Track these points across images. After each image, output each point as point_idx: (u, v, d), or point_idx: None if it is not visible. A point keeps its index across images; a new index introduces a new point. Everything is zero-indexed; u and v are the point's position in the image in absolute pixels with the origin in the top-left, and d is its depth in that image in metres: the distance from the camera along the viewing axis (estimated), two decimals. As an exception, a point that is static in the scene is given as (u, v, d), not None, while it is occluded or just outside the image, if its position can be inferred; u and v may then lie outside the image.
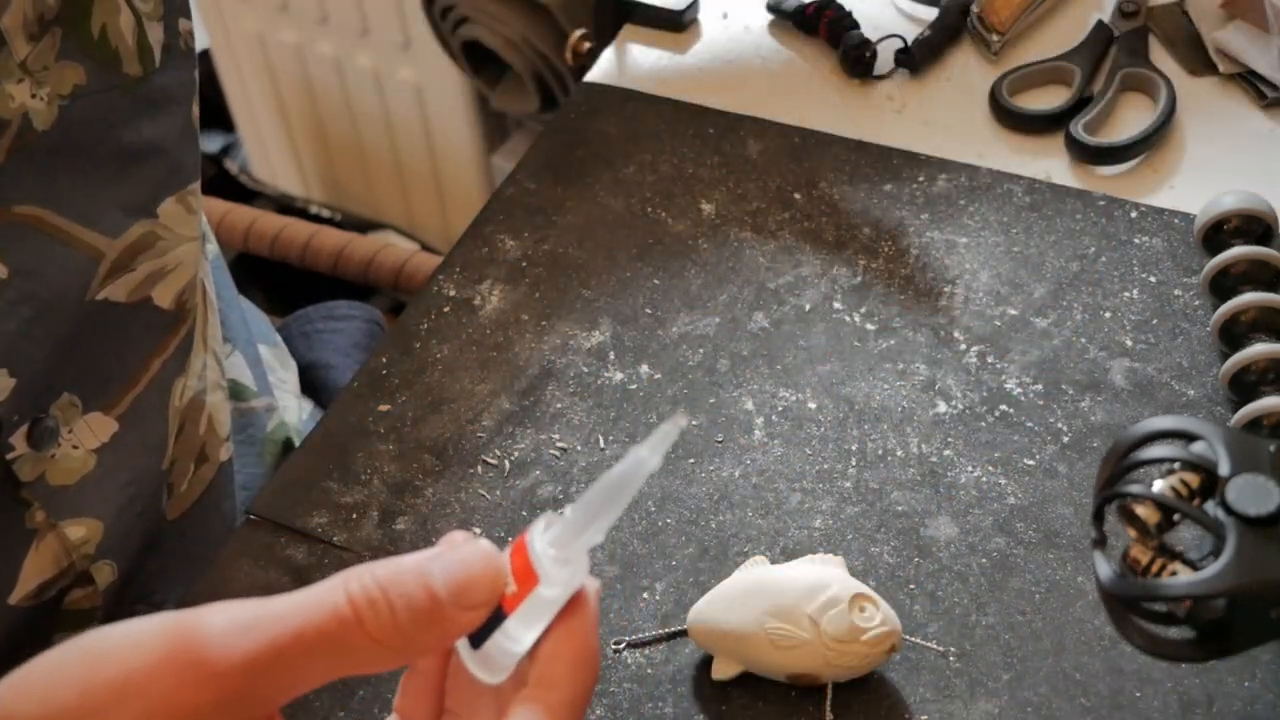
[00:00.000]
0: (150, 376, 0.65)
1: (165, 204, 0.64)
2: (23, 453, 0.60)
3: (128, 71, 0.61)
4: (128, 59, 0.60)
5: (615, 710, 0.58)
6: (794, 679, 0.57)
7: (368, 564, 0.39)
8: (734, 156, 0.81)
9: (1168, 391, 0.68)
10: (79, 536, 0.63)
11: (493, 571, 0.40)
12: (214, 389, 0.71)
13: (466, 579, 0.39)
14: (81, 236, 0.60)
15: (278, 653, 0.36)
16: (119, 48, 0.60)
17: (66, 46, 0.58)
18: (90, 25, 0.58)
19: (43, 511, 0.61)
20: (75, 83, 0.58)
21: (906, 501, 0.64)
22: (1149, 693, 0.58)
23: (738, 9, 0.89)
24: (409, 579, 0.39)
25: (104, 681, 0.36)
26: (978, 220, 0.76)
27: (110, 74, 0.60)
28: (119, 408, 0.64)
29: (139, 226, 0.62)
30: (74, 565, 0.64)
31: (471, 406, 0.69)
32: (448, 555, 0.39)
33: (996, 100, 0.81)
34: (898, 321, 0.72)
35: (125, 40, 0.60)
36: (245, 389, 0.78)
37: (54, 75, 0.57)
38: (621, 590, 0.62)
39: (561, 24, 1.24)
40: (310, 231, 1.15)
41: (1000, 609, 0.60)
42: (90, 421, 0.63)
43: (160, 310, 0.65)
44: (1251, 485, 0.44)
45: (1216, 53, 0.82)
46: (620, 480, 0.41)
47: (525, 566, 0.41)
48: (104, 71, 0.59)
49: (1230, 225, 0.70)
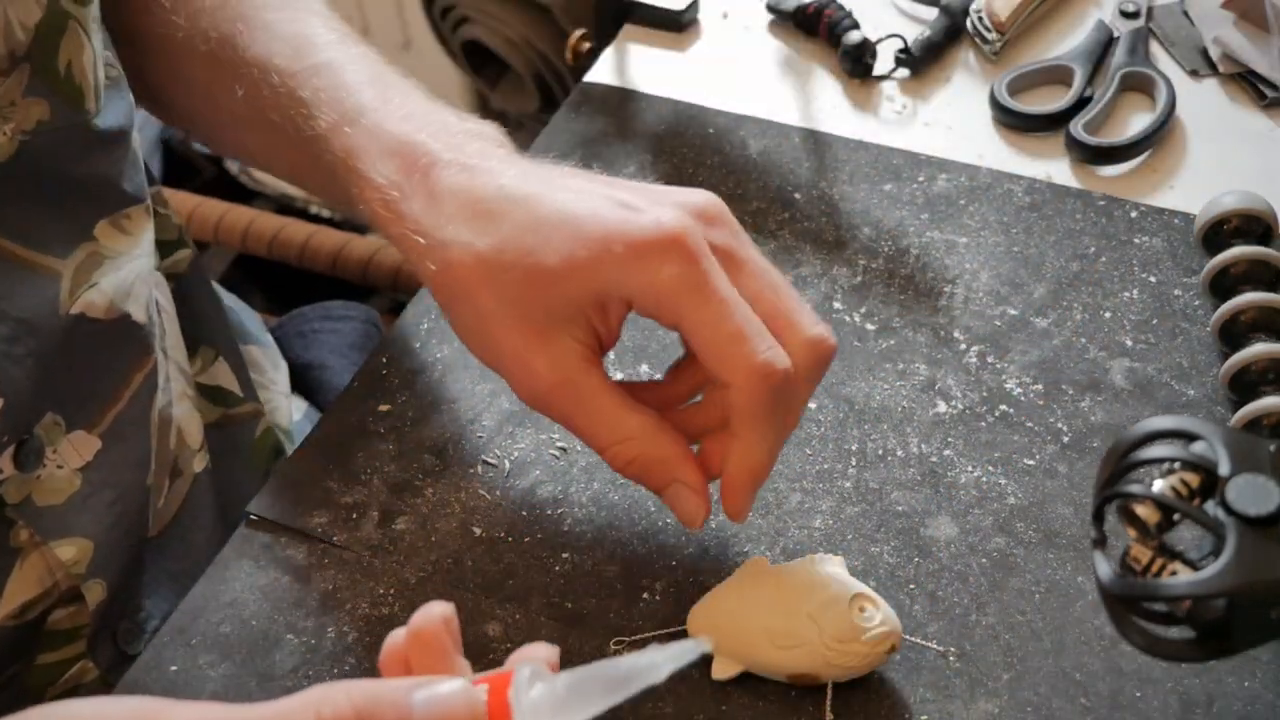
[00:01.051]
0: (131, 392, 0.65)
1: (99, 226, 0.64)
2: (9, 475, 0.60)
3: (88, 108, 0.61)
4: (88, 95, 0.61)
5: (615, 710, 0.58)
6: (794, 679, 0.57)
7: (346, 684, 0.39)
8: (734, 156, 0.81)
9: (1168, 391, 0.68)
10: (70, 556, 0.63)
11: (469, 706, 0.39)
12: (180, 400, 0.71)
13: (445, 704, 0.39)
14: (35, 259, 0.60)
15: None
16: (81, 84, 0.60)
17: (34, 83, 0.58)
18: (58, 61, 0.58)
19: (26, 530, 0.61)
20: (39, 119, 0.58)
21: (906, 501, 0.64)
22: (1149, 693, 0.58)
23: (738, 9, 0.89)
24: (387, 712, 0.38)
25: None
26: (978, 220, 0.76)
27: (72, 111, 0.60)
28: (101, 425, 0.64)
29: (82, 249, 0.62)
30: (58, 585, 0.63)
31: (471, 406, 0.69)
32: (428, 691, 0.39)
33: (996, 100, 0.81)
34: (898, 321, 0.72)
35: (87, 77, 0.60)
36: (231, 395, 0.77)
37: (19, 111, 0.57)
38: (621, 590, 0.62)
39: (561, 24, 1.24)
40: (309, 231, 1.15)
41: (1000, 609, 0.60)
42: (74, 440, 0.62)
43: (138, 325, 0.65)
44: (1251, 485, 0.44)
45: (1217, 53, 0.82)
46: (625, 676, 0.40)
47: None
48: (67, 108, 0.60)
49: (1230, 225, 0.70)
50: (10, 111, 0.57)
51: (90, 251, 0.63)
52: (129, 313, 0.64)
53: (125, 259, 0.65)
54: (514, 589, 0.62)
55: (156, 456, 0.67)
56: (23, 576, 0.61)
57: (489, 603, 0.62)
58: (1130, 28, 0.84)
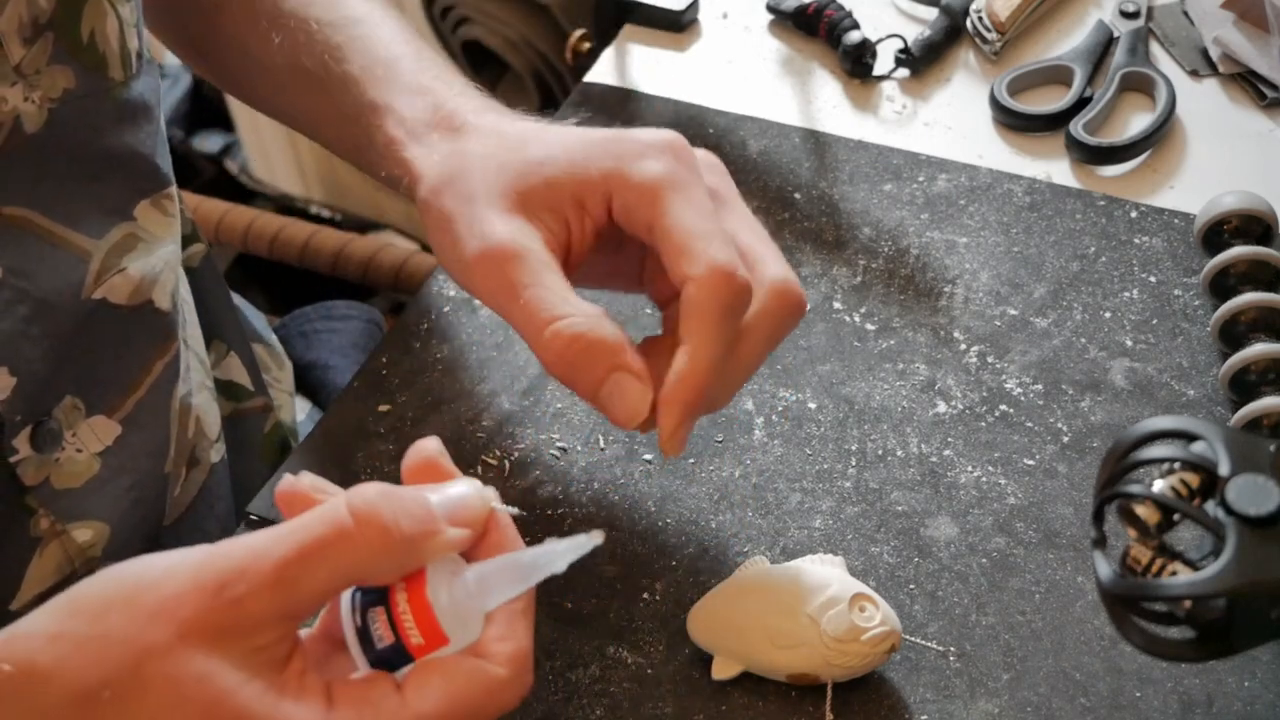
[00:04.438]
0: (153, 379, 0.65)
1: (140, 207, 0.64)
2: (27, 455, 0.60)
3: (112, 76, 0.61)
4: (113, 64, 0.61)
5: (615, 710, 0.58)
6: (794, 679, 0.57)
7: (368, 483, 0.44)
8: (734, 156, 0.81)
9: (1168, 391, 0.68)
10: (85, 539, 0.63)
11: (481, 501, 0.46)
12: (199, 390, 0.71)
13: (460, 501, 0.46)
14: (68, 238, 0.60)
15: (285, 567, 0.42)
16: (105, 52, 0.60)
17: (58, 50, 0.58)
18: (80, 29, 0.59)
19: (47, 519, 0.61)
20: (65, 86, 0.59)
21: (906, 501, 0.64)
22: (1149, 693, 0.58)
23: (738, 9, 0.89)
24: (407, 493, 0.45)
25: (144, 605, 0.42)
26: (978, 220, 0.76)
27: (97, 79, 0.60)
28: (121, 411, 0.64)
29: (118, 230, 0.63)
30: (76, 572, 0.64)
31: (471, 406, 0.69)
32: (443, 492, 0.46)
33: (996, 100, 0.81)
34: (898, 321, 0.72)
35: (111, 45, 0.61)
36: (242, 390, 0.78)
37: (45, 79, 0.58)
38: (621, 590, 0.62)
39: (561, 24, 1.24)
40: (309, 231, 1.15)
41: (1000, 609, 0.61)
42: (93, 425, 0.63)
43: (161, 313, 0.65)
44: (1251, 485, 0.44)
45: (1217, 53, 0.82)
46: (530, 565, 0.46)
47: (431, 624, 0.44)
48: (91, 76, 0.60)
49: (1230, 225, 0.70)
50: (36, 80, 0.57)
51: (127, 233, 0.63)
52: (152, 299, 0.65)
53: (159, 243, 0.65)
54: (514, 589, 0.62)
55: (175, 445, 0.68)
56: (42, 565, 0.62)
57: (489, 603, 0.62)
58: (1130, 28, 0.84)
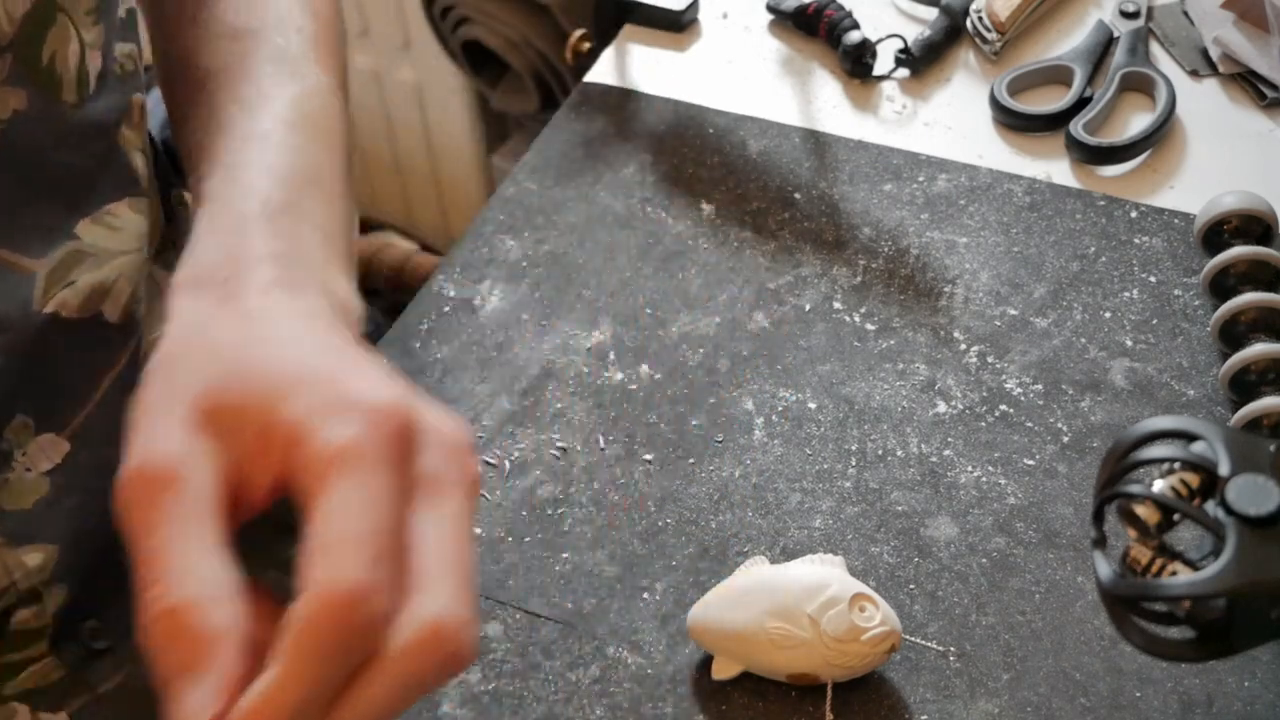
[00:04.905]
0: (100, 394, 0.65)
1: (80, 225, 0.63)
2: None
3: (65, 99, 0.60)
4: (67, 87, 0.60)
5: (615, 710, 0.58)
6: (794, 679, 0.57)
7: None
8: (734, 156, 0.81)
9: (1168, 391, 0.68)
10: (36, 563, 0.62)
11: None
12: None
13: None
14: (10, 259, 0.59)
15: None
16: (61, 74, 0.60)
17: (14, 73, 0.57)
18: (42, 52, 0.58)
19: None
20: (16, 108, 0.58)
21: (906, 501, 0.64)
22: (1149, 693, 0.58)
23: (738, 9, 0.89)
24: None
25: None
26: (978, 220, 0.76)
27: (48, 101, 0.59)
28: (70, 428, 0.63)
29: (60, 249, 0.62)
30: (16, 585, 0.63)
31: (471, 406, 0.69)
32: None
33: (996, 100, 0.81)
34: (898, 321, 0.72)
35: (69, 67, 0.60)
36: None
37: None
38: (621, 590, 0.62)
39: (561, 24, 1.24)
40: (310, 231, 1.15)
41: (1000, 609, 0.60)
42: (42, 443, 0.62)
43: (110, 325, 0.64)
44: (1251, 485, 0.44)
45: (1217, 53, 0.82)
46: None
47: None
48: (43, 98, 0.59)
49: (1230, 225, 0.70)
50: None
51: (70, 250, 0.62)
52: (102, 311, 0.64)
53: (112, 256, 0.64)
54: (514, 589, 0.62)
55: None
56: None
57: (489, 603, 0.62)
58: (1130, 28, 0.84)
